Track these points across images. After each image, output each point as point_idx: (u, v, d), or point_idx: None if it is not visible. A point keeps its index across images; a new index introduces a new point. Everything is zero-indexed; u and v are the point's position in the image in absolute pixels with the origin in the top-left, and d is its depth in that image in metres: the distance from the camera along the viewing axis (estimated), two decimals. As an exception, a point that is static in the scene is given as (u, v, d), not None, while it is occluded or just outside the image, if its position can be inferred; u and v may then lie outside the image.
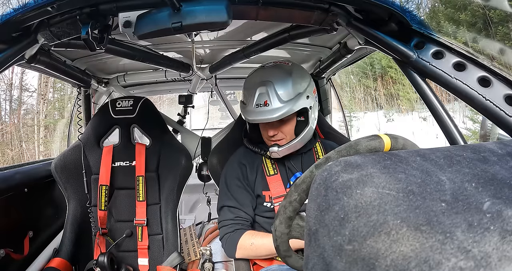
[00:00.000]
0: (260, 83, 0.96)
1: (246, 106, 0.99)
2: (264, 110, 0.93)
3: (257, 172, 1.08)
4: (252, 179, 1.08)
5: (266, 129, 1.01)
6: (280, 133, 1.00)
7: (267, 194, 1.05)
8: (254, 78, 1.01)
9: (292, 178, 1.07)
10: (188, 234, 1.64)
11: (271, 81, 0.95)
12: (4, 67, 0.78)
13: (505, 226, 0.23)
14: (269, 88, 0.93)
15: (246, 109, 0.99)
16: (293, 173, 1.08)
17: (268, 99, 0.93)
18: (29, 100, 10.76)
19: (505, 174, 0.31)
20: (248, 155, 1.12)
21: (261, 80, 0.97)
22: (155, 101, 10.87)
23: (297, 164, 1.09)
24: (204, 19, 0.67)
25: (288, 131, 1.01)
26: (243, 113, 1.02)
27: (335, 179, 0.33)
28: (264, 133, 1.04)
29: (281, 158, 1.06)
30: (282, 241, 0.55)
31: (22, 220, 1.19)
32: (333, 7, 0.79)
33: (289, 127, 1.01)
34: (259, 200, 1.06)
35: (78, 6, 0.71)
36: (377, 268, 0.25)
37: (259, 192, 1.05)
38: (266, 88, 0.94)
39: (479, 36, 7.99)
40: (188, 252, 1.49)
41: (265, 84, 0.95)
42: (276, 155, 1.00)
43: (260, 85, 0.95)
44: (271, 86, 0.94)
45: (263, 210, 1.06)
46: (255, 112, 0.95)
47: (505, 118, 0.60)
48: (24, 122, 10.63)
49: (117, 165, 1.34)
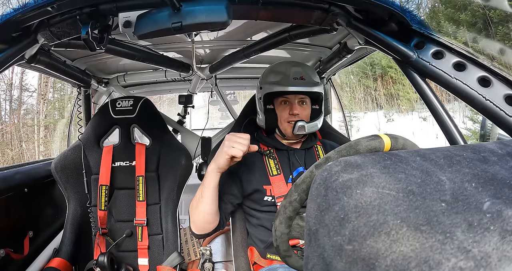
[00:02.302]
0: (293, 64, 1.07)
1: (280, 81, 1.05)
2: (301, 82, 1.03)
3: (255, 167, 1.08)
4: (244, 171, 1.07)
5: (287, 109, 1.07)
6: (302, 114, 1.07)
7: (268, 188, 1.05)
8: (283, 62, 1.11)
9: (294, 172, 1.08)
10: (188, 234, 1.64)
11: (301, 65, 1.08)
12: (4, 67, 0.78)
13: (505, 226, 0.23)
14: (303, 69, 1.06)
15: (280, 83, 1.04)
16: (295, 167, 1.09)
17: (303, 75, 1.04)
18: (29, 100, 10.78)
19: (505, 174, 0.31)
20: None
21: (294, 64, 1.08)
22: (155, 101, 10.88)
23: (300, 159, 1.11)
24: (204, 19, 0.67)
25: (307, 114, 1.09)
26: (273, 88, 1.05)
27: (335, 179, 0.33)
28: (283, 114, 1.07)
29: (286, 151, 1.10)
30: (282, 241, 0.55)
31: (22, 220, 1.19)
32: (333, 7, 0.79)
33: (308, 111, 1.09)
34: (259, 195, 1.05)
35: (78, 6, 0.71)
36: (377, 268, 0.25)
37: (259, 186, 1.05)
38: (301, 68, 1.06)
39: (479, 36, 7.99)
40: (188, 252, 1.49)
41: (298, 66, 1.07)
42: (303, 130, 1.04)
43: (294, 66, 1.06)
44: (304, 68, 1.07)
45: (264, 205, 1.05)
46: (293, 83, 1.03)
47: (505, 118, 0.60)
48: (24, 122, 10.64)
49: (117, 165, 1.34)
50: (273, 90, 1.05)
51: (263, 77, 1.12)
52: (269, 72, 1.11)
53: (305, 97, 1.07)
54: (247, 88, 2.28)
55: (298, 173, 1.08)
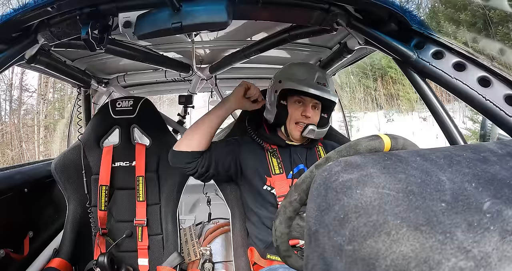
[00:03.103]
0: (317, 69, 1.09)
1: (304, 80, 1.05)
2: (324, 88, 1.05)
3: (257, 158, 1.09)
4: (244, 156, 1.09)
5: (300, 109, 1.07)
6: (313, 118, 1.08)
7: (268, 179, 1.06)
8: (306, 64, 1.17)
9: (295, 168, 1.09)
10: (188, 234, 1.64)
11: (324, 72, 1.10)
12: (4, 67, 0.78)
13: (505, 226, 0.23)
14: (326, 76, 1.08)
15: (305, 82, 1.04)
16: (296, 163, 1.10)
17: (326, 82, 1.06)
18: (29, 101, 10.79)
19: (505, 174, 0.31)
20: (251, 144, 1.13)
21: (317, 69, 1.10)
22: (155, 101, 10.88)
23: (302, 156, 1.12)
24: (204, 19, 0.67)
25: (317, 119, 1.10)
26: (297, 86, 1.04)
27: (335, 179, 0.33)
28: (295, 113, 1.08)
29: (288, 148, 1.11)
30: (282, 241, 0.55)
31: (22, 220, 1.19)
32: (333, 7, 0.79)
33: (318, 117, 1.10)
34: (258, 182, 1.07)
35: (78, 6, 0.71)
36: (377, 268, 0.25)
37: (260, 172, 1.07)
38: (323, 75, 1.07)
39: (479, 36, 7.99)
40: (188, 252, 1.49)
41: (321, 72, 1.08)
42: (312, 134, 1.06)
43: (318, 71, 1.07)
44: (327, 76, 1.09)
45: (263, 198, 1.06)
46: (318, 87, 1.04)
47: (505, 118, 0.60)
48: (24, 123, 10.64)
49: (117, 165, 1.34)
50: (295, 88, 1.04)
51: (284, 72, 1.11)
52: (293, 69, 1.10)
53: (318, 103, 1.08)
54: (247, 88, 2.28)
55: (299, 170, 1.08)
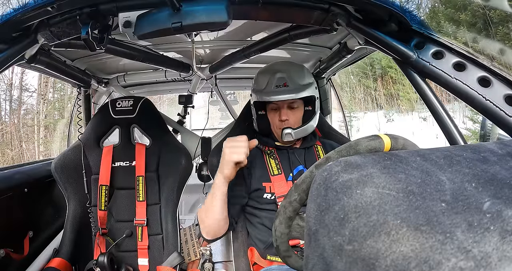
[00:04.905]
0: (278, 70, 1.05)
1: (264, 89, 1.04)
2: (284, 90, 1.01)
3: (256, 164, 1.09)
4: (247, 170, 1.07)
5: (277, 115, 1.05)
6: (291, 119, 1.05)
7: (268, 185, 1.05)
8: (270, 67, 1.10)
9: (294, 170, 1.08)
10: (188, 234, 1.64)
11: (287, 69, 1.05)
12: (4, 67, 0.78)
13: (505, 226, 0.23)
14: (287, 74, 1.03)
15: (264, 91, 1.03)
16: (295, 165, 1.09)
17: (287, 82, 1.02)
18: (29, 100, 10.78)
19: (505, 174, 0.31)
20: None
21: (279, 68, 1.06)
22: (155, 101, 10.87)
23: (300, 157, 1.11)
24: (204, 19, 0.67)
25: (297, 118, 1.07)
26: (258, 97, 1.04)
27: (335, 179, 0.33)
28: (274, 120, 1.07)
29: (286, 151, 1.10)
30: (282, 241, 0.55)
31: (22, 220, 1.19)
32: (333, 7, 0.79)
33: (298, 115, 1.07)
34: (259, 193, 1.06)
35: (78, 6, 0.71)
36: (377, 268, 0.25)
37: (259, 185, 1.06)
38: (284, 74, 1.03)
39: (479, 36, 7.99)
40: (188, 252, 1.49)
41: (283, 71, 1.04)
42: (290, 137, 1.03)
43: (278, 71, 1.04)
44: (289, 72, 1.04)
45: (264, 202, 1.05)
46: (275, 92, 1.01)
47: (505, 118, 0.60)
48: (24, 123, 10.63)
49: (117, 165, 1.34)
50: (259, 100, 1.05)
51: (253, 83, 1.11)
52: (257, 78, 1.09)
53: (293, 101, 1.04)
54: (247, 88, 2.28)
55: (298, 172, 1.08)
